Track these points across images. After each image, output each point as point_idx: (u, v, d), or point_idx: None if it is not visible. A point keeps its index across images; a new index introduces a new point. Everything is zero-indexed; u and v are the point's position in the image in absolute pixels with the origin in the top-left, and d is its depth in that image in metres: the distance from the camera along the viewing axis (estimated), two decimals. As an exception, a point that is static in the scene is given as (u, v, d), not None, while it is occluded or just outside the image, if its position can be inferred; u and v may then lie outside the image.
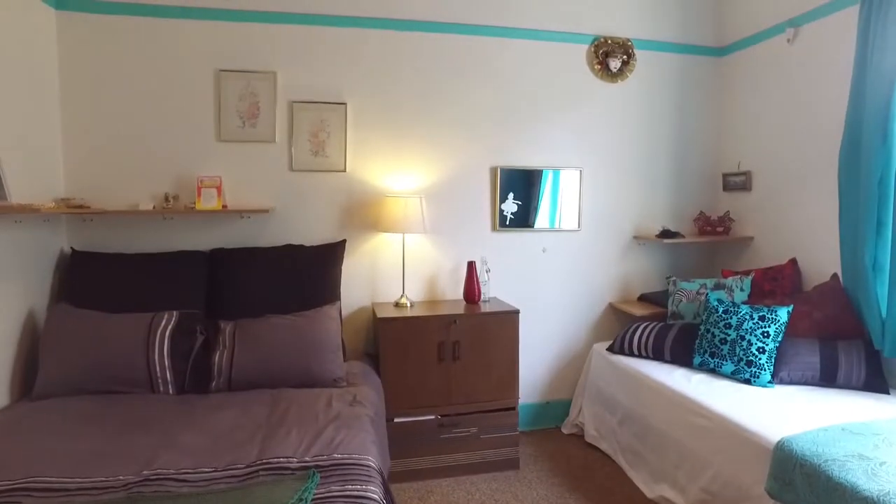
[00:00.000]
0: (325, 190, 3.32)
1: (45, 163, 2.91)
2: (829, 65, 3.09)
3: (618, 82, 3.71)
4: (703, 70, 3.88)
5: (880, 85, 2.66)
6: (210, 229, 3.19)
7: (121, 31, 3.06)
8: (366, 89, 3.34)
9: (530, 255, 3.66)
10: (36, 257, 2.82)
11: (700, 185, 3.93)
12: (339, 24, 3.29)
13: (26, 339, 2.69)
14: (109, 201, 3.07)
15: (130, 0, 3.05)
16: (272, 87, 3.21)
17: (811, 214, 3.24)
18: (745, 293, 3.23)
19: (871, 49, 2.71)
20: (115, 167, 3.09)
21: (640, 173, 3.81)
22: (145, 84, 3.10)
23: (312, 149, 3.27)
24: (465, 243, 3.52)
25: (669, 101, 3.83)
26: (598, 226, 3.75)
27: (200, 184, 3.03)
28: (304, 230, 3.28)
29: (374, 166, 3.39)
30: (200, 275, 3.03)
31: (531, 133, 3.60)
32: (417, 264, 3.46)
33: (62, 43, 3.00)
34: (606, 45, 3.66)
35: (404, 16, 3.37)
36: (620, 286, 3.84)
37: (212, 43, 3.16)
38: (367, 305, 3.42)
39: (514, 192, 3.57)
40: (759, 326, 2.82)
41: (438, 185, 3.49)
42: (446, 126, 3.47)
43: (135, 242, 3.10)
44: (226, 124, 3.19)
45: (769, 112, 3.53)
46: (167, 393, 2.59)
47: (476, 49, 3.48)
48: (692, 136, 3.89)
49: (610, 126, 3.73)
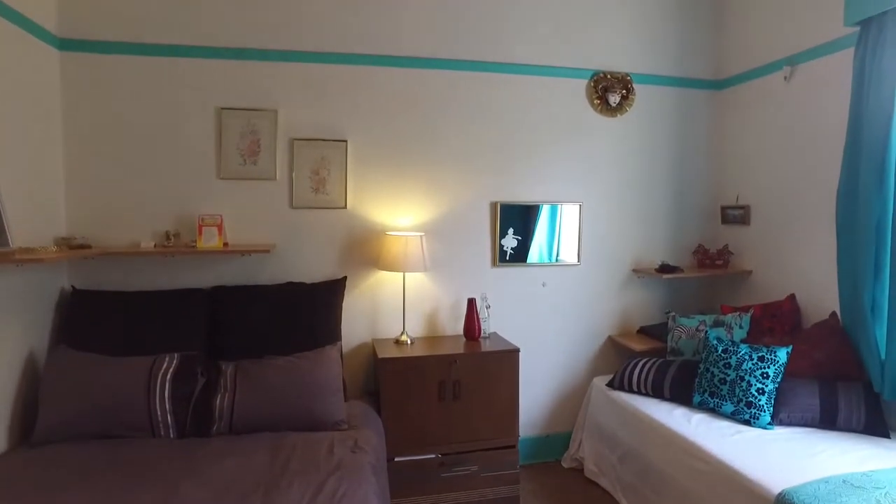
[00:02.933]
0: (326, 227, 3.33)
1: (47, 201, 2.92)
2: (826, 104, 3.11)
3: (617, 116, 3.74)
4: (701, 103, 3.92)
5: (876, 129, 2.68)
6: (211, 267, 3.20)
7: (123, 71, 3.08)
8: (366, 126, 3.37)
9: (530, 290, 3.67)
10: (36, 297, 2.82)
11: (699, 218, 3.96)
12: (340, 62, 3.31)
13: (26, 382, 2.68)
14: (111, 239, 3.09)
15: (133, 40, 3.08)
16: (273, 125, 3.23)
17: (810, 250, 3.25)
18: (745, 330, 3.24)
19: (866, 92, 2.74)
20: (116, 205, 3.10)
21: (640, 206, 3.83)
22: (147, 122, 3.12)
23: (313, 186, 3.29)
24: (465, 279, 3.54)
25: (668, 134, 3.86)
26: (597, 260, 3.76)
27: (201, 222, 3.04)
28: (305, 267, 3.29)
29: (375, 203, 3.40)
30: (201, 313, 3.03)
31: (531, 168, 3.62)
32: (418, 300, 3.47)
33: (65, 83, 3.02)
34: (605, 79, 3.69)
35: (404, 53, 3.39)
36: (620, 319, 3.85)
37: (213, 81, 3.18)
38: (367, 342, 3.43)
39: (514, 227, 3.59)
40: (759, 367, 2.83)
41: (438, 221, 3.50)
42: (446, 161, 3.49)
43: (136, 280, 3.10)
44: (227, 162, 3.20)
45: (767, 147, 3.56)
46: (168, 437, 2.58)
47: (476, 85, 3.51)
48: (691, 168, 3.92)
49: (609, 160, 3.76)
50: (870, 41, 2.72)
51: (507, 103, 3.57)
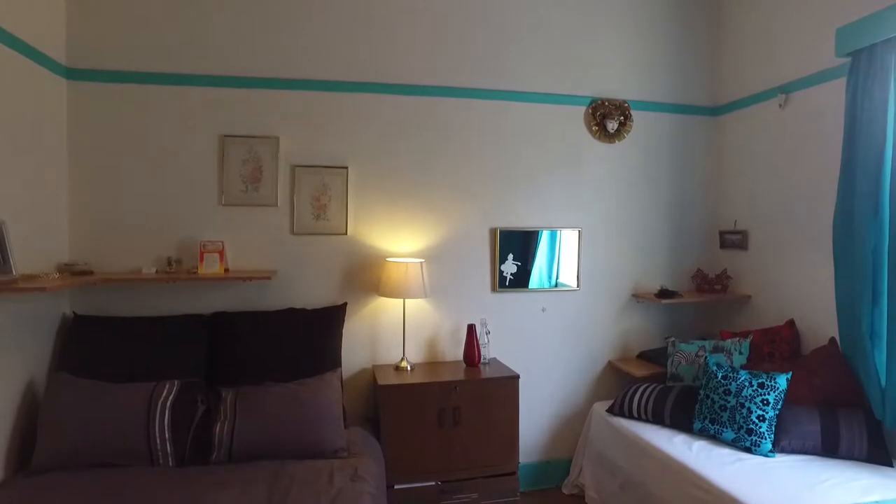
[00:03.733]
0: (327, 253, 3.36)
1: (51, 227, 2.95)
2: (820, 132, 3.15)
3: (615, 142, 3.78)
4: (699, 129, 3.96)
5: (870, 157, 2.71)
6: (212, 292, 3.21)
7: (128, 99, 3.13)
8: (367, 153, 3.41)
9: (530, 315, 3.68)
10: (37, 324, 2.83)
11: (697, 243, 3.98)
12: (341, 90, 3.36)
13: (25, 409, 2.67)
14: (113, 265, 3.11)
15: (138, 69, 3.14)
16: (275, 152, 3.27)
17: (808, 276, 3.27)
18: (744, 356, 3.24)
19: (859, 121, 2.77)
20: (119, 231, 3.13)
21: (638, 231, 3.86)
22: (151, 150, 3.16)
23: (314, 212, 3.32)
24: (465, 304, 3.55)
25: (666, 160, 3.90)
26: (596, 284, 3.78)
27: (203, 248, 3.06)
28: (306, 293, 3.31)
29: (375, 229, 3.43)
30: (202, 339, 3.04)
31: (530, 194, 3.66)
32: (418, 326, 3.48)
33: (71, 111, 3.07)
34: (604, 106, 3.74)
35: (405, 80, 3.45)
36: (619, 344, 3.85)
37: (216, 109, 3.23)
38: (367, 367, 3.43)
39: (514, 252, 3.61)
40: (759, 394, 2.83)
41: (438, 247, 3.52)
42: (446, 188, 3.53)
43: (137, 305, 3.12)
44: (229, 188, 3.23)
45: (763, 172, 3.59)
46: (167, 465, 2.57)
47: (475, 112, 3.56)
48: (689, 193, 3.95)
49: (608, 185, 3.79)
50: (861, 72, 2.77)
51: (507, 130, 3.61)
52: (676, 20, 3.89)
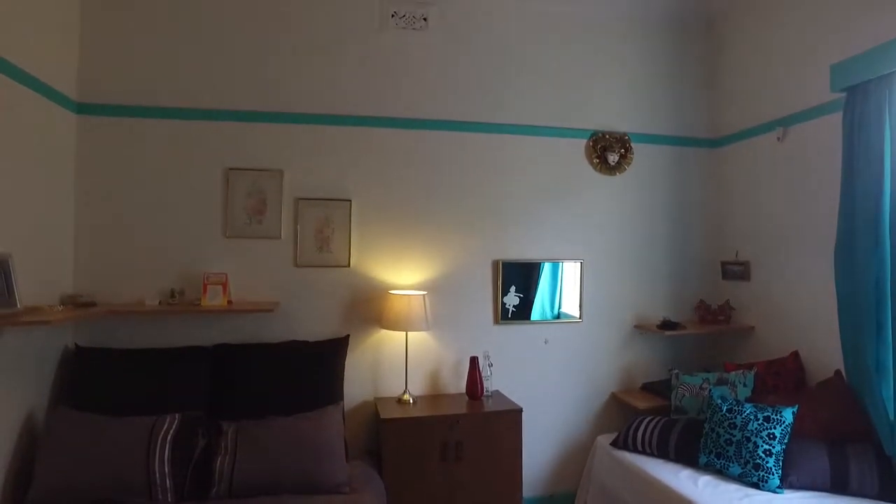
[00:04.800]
0: (330, 285, 3.37)
1: (56, 258, 2.97)
2: (819, 164, 3.17)
3: (616, 175, 3.82)
4: (699, 161, 4.00)
5: (868, 191, 2.72)
6: (215, 324, 3.22)
7: (135, 133, 3.18)
8: (370, 186, 3.45)
9: (532, 347, 3.67)
10: (39, 355, 2.82)
11: (700, 274, 3.98)
12: (344, 124, 3.42)
13: (23, 442, 2.64)
14: (116, 296, 3.12)
15: (146, 104, 3.20)
16: (279, 185, 3.31)
17: (811, 307, 3.26)
18: (749, 389, 3.22)
19: (856, 155, 2.80)
20: (123, 263, 3.15)
21: (641, 262, 3.87)
22: (156, 182, 3.20)
23: (317, 244, 3.34)
24: (468, 337, 3.54)
25: (667, 191, 3.93)
26: (599, 316, 3.77)
27: (206, 280, 3.08)
28: (308, 325, 3.31)
29: (378, 261, 3.45)
30: (204, 371, 3.03)
31: (532, 226, 3.68)
32: (420, 358, 3.47)
33: (80, 145, 3.12)
34: (604, 139, 3.79)
35: (407, 114, 3.51)
36: (623, 376, 3.82)
37: (222, 143, 3.28)
38: (369, 400, 3.40)
39: (516, 284, 3.62)
40: (765, 427, 2.79)
41: (441, 279, 3.53)
42: (449, 220, 3.56)
43: (140, 337, 3.12)
44: (233, 221, 3.26)
45: (763, 204, 3.61)
46: (167, 501, 2.54)
47: (477, 145, 3.61)
48: (690, 224, 3.97)
49: (609, 217, 3.82)
50: (856, 107, 2.81)
51: (509, 163, 3.65)
52: (675, 55, 3.97)
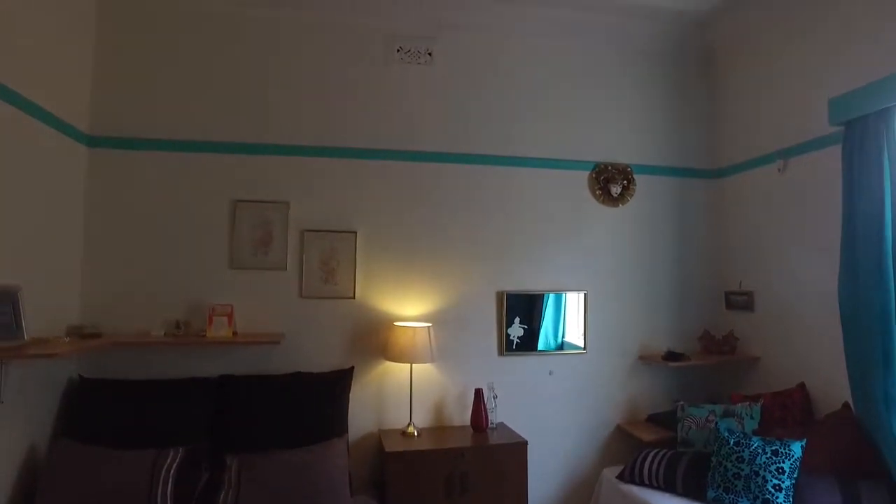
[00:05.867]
0: (334, 316, 3.38)
1: (63, 289, 2.99)
2: (820, 196, 3.20)
3: (619, 206, 3.85)
4: (701, 192, 4.04)
5: (870, 222, 2.74)
6: (220, 356, 3.22)
7: (145, 165, 3.24)
8: (375, 217, 3.48)
9: (537, 379, 3.65)
10: (43, 386, 2.82)
11: (704, 304, 3.98)
12: (350, 156, 3.47)
13: (25, 475, 2.62)
14: (122, 326, 3.13)
15: (156, 136, 3.26)
16: (285, 217, 3.35)
17: (817, 337, 3.24)
18: (756, 421, 3.19)
19: (856, 188, 2.82)
20: (129, 293, 3.17)
21: (644, 293, 3.88)
22: (164, 214, 3.24)
23: (322, 276, 3.36)
24: (472, 368, 3.54)
25: (670, 222, 3.96)
26: (603, 347, 3.77)
27: (212, 312, 3.10)
28: (313, 356, 3.31)
29: (383, 293, 3.46)
30: (208, 403, 3.02)
31: (536, 257, 3.70)
32: (425, 390, 3.45)
33: (91, 177, 3.17)
34: (607, 171, 3.83)
35: (412, 147, 3.56)
36: (628, 407, 3.80)
37: (229, 175, 3.33)
38: (373, 432, 3.38)
39: (521, 315, 3.63)
40: (773, 462, 2.76)
41: (445, 311, 3.54)
42: (453, 252, 3.58)
43: (144, 368, 3.12)
44: (239, 252, 3.29)
45: (765, 235, 3.63)
46: (168, 536, 2.52)
47: (481, 177, 3.65)
48: (693, 255, 3.99)
49: (613, 248, 3.84)
50: (854, 141, 2.85)
51: (512, 195, 3.69)
52: (675, 87, 4.04)
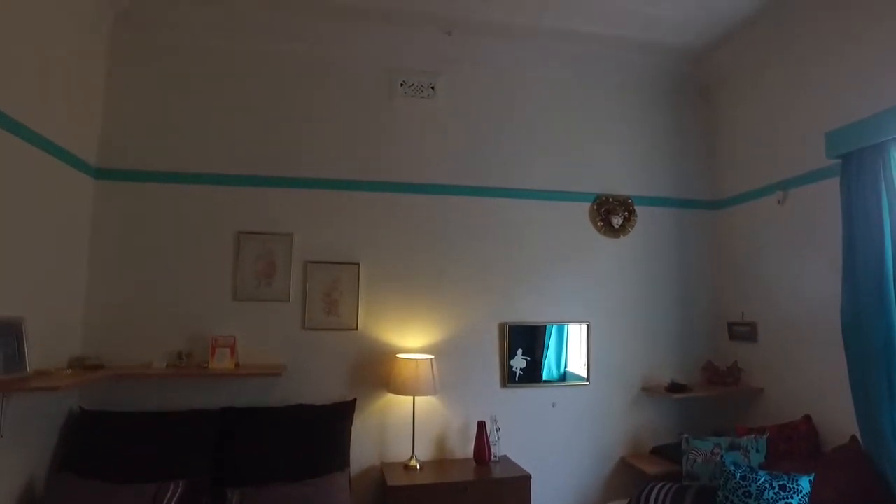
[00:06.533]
0: (337, 348, 3.38)
1: (66, 320, 3.00)
2: (820, 227, 3.21)
3: (620, 237, 3.87)
4: (701, 223, 4.06)
5: (870, 253, 2.75)
6: (222, 387, 3.21)
7: (151, 197, 3.28)
8: (378, 249, 3.51)
9: (540, 411, 3.63)
10: (43, 419, 2.80)
11: (706, 334, 3.97)
12: (353, 189, 3.51)
13: (23, 513, 2.60)
14: (124, 357, 3.12)
15: (162, 168, 3.31)
16: (288, 248, 3.37)
17: (821, 370, 3.22)
18: (762, 454, 3.16)
19: (856, 220, 2.84)
20: (133, 325, 3.18)
21: (647, 324, 3.87)
22: (169, 246, 3.27)
23: (325, 308, 3.37)
24: (475, 400, 3.52)
25: (671, 253, 3.97)
26: (606, 378, 3.75)
27: (215, 343, 3.10)
28: (315, 388, 3.30)
29: (386, 324, 3.47)
30: (210, 436, 3.00)
31: (538, 289, 3.72)
32: (427, 423, 3.43)
33: (97, 209, 3.21)
34: (608, 202, 3.87)
35: (414, 180, 3.61)
36: (631, 439, 3.76)
37: (234, 207, 3.37)
38: (376, 465, 3.35)
39: (523, 347, 3.62)
40: (781, 497, 2.72)
41: (448, 342, 3.54)
42: (456, 283, 3.60)
43: (146, 400, 3.11)
44: (242, 284, 3.31)
45: (767, 265, 3.64)
46: (166, 574, 2.47)
47: (483, 209, 3.69)
48: (695, 285, 4.00)
49: (614, 279, 3.85)
50: (852, 173, 2.88)
51: (514, 227, 3.72)
52: (674, 119, 4.11)
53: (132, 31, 3.36)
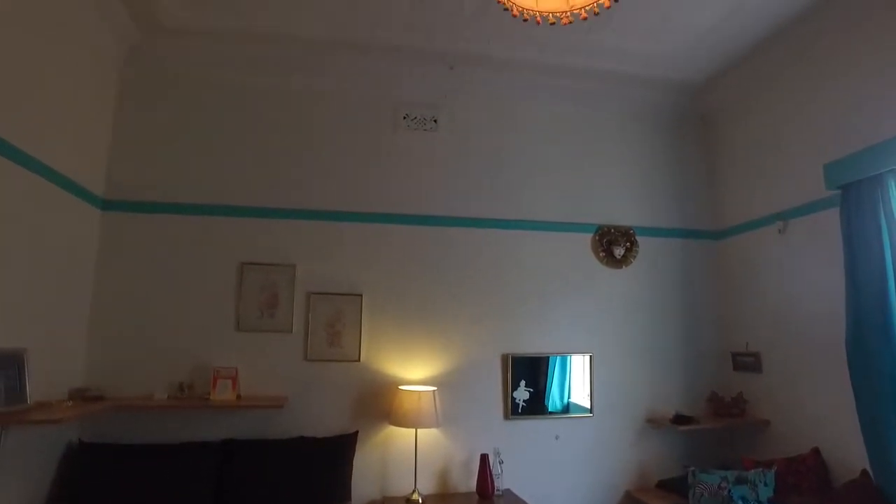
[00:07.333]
0: (339, 379, 3.36)
1: (68, 350, 3.00)
2: (822, 257, 3.22)
3: (623, 268, 3.88)
4: (703, 252, 4.07)
5: (872, 284, 2.75)
6: (223, 419, 3.19)
7: (156, 228, 3.32)
8: (381, 280, 3.52)
9: (543, 443, 3.58)
10: (43, 451, 2.78)
11: (710, 365, 3.94)
12: (357, 220, 3.55)
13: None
14: (125, 389, 3.12)
15: (168, 200, 3.35)
16: (291, 279, 3.38)
17: (828, 401, 3.18)
18: (770, 488, 3.10)
19: (856, 250, 2.85)
20: (134, 355, 3.19)
21: (650, 354, 3.85)
22: (173, 276, 3.29)
23: (328, 339, 3.37)
24: (478, 433, 3.48)
25: (673, 283, 3.97)
26: (610, 410, 3.71)
27: (217, 374, 3.09)
28: (317, 420, 3.28)
29: (388, 356, 3.46)
30: (210, 468, 2.98)
31: (541, 320, 3.71)
32: (429, 455, 3.39)
33: (103, 240, 3.24)
34: (610, 233, 3.88)
35: (417, 211, 3.64)
36: (637, 473, 3.70)
37: (238, 238, 3.40)
38: (377, 499, 3.30)
39: (526, 379, 3.60)
40: (790, 533, 2.68)
41: (451, 374, 3.53)
42: (459, 315, 3.60)
43: (146, 432, 3.09)
44: (245, 315, 3.31)
45: (770, 294, 3.63)
46: None
47: (486, 241, 3.71)
48: (698, 315, 3.98)
49: (617, 310, 3.84)
50: (851, 204, 2.90)
51: (517, 258, 3.74)
52: (674, 150, 4.15)
53: (142, 65, 3.45)
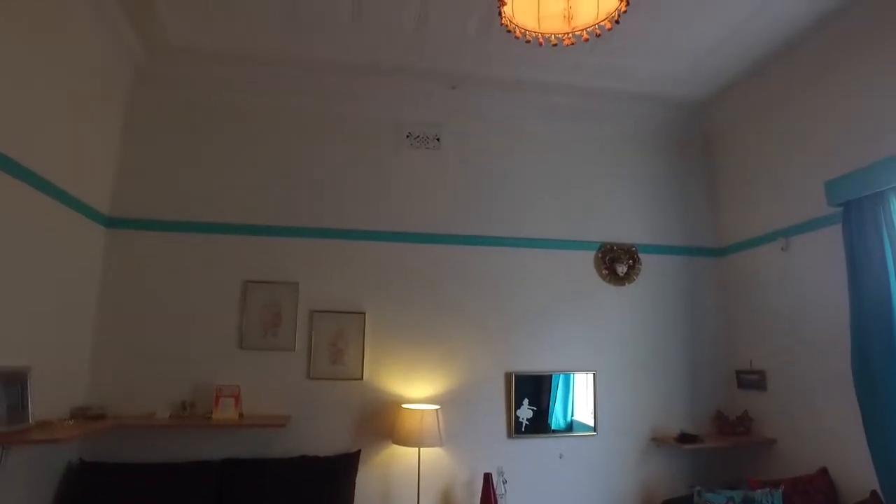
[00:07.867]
0: (342, 398, 3.35)
1: (71, 369, 2.99)
2: (825, 274, 3.21)
3: (625, 285, 3.88)
4: (705, 269, 4.07)
5: (876, 301, 2.75)
6: (224, 438, 3.18)
7: (159, 246, 3.34)
8: (384, 299, 3.52)
9: (547, 462, 3.55)
10: (43, 470, 2.76)
11: (715, 383, 3.92)
12: (359, 238, 3.56)
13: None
14: (127, 407, 3.11)
15: (172, 218, 3.37)
16: (294, 297, 3.39)
17: (835, 420, 3.14)
18: (777, 509, 3.07)
19: (859, 267, 2.85)
20: (137, 373, 3.18)
21: (654, 372, 3.83)
22: (176, 294, 3.30)
23: (331, 357, 3.36)
24: (481, 451, 3.46)
25: (677, 300, 3.96)
26: (614, 428, 3.69)
27: (219, 393, 3.08)
28: (319, 439, 3.26)
29: (391, 374, 3.45)
30: (210, 488, 2.96)
31: (544, 338, 3.70)
32: (432, 475, 3.36)
33: (107, 257, 3.26)
34: (612, 251, 3.89)
35: (420, 229, 3.65)
36: (641, 492, 3.66)
37: (241, 256, 3.41)
38: (379, 520, 3.27)
39: (529, 397, 3.58)
40: (798, 555, 2.64)
41: (454, 392, 3.51)
42: (461, 333, 3.59)
43: (147, 451, 3.08)
44: (248, 333, 3.32)
45: (773, 311, 3.61)
46: None
47: (488, 259, 3.72)
48: (702, 333, 3.96)
49: (621, 327, 3.83)
50: (853, 221, 2.90)
51: (519, 276, 3.74)
52: (677, 168, 4.17)
53: (148, 85, 3.49)
